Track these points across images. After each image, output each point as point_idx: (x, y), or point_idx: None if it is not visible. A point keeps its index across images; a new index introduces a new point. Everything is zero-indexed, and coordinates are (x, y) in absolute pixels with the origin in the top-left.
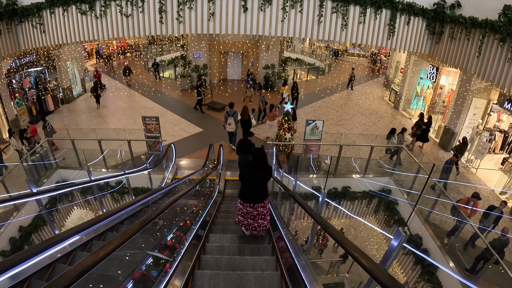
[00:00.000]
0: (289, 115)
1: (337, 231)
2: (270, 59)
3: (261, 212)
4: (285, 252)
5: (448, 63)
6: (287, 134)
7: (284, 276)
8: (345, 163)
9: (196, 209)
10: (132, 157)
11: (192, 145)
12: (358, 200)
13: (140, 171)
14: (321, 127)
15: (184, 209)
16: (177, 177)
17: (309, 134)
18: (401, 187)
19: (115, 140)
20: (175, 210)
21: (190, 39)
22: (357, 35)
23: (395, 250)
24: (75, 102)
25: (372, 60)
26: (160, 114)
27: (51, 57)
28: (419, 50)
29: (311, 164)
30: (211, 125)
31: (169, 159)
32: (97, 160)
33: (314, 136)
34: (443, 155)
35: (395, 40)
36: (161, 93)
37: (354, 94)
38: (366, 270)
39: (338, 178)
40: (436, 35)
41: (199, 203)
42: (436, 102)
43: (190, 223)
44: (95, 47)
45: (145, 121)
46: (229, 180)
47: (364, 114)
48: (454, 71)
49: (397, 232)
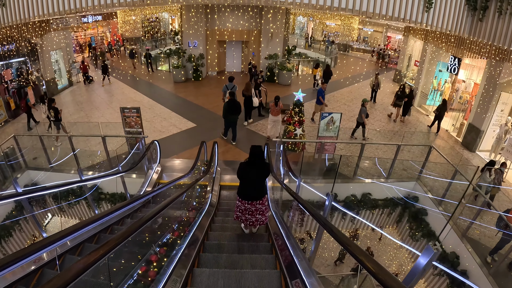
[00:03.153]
0: (301, 105)
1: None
2: (273, 49)
3: (259, 209)
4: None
5: (495, 46)
6: (298, 129)
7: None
8: (364, 165)
9: (172, 237)
10: (108, 157)
11: (182, 142)
12: (380, 209)
13: (108, 176)
14: (338, 121)
15: (157, 235)
16: (162, 182)
17: (323, 129)
18: (431, 194)
19: (88, 136)
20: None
21: (185, 27)
22: (389, 4)
23: (423, 269)
24: (60, 95)
25: (379, 55)
26: (148, 108)
27: (32, 46)
28: (457, 30)
29: (326, 165)
30: (206, 119)
31: (153, 160)
32: (62, 160)
33: (329, 133)
34: (468, 155)
35: (431, 14)
36: (153, 86)
37: (363, 89)
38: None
39: (357, 183)
40: (479, 10)
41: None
42: (454, 98)
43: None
44: (88, 40)
45: (124, 113)
46: (226, 187)
47: (378, 109)
48: (473, 65)
49: (427, 248)
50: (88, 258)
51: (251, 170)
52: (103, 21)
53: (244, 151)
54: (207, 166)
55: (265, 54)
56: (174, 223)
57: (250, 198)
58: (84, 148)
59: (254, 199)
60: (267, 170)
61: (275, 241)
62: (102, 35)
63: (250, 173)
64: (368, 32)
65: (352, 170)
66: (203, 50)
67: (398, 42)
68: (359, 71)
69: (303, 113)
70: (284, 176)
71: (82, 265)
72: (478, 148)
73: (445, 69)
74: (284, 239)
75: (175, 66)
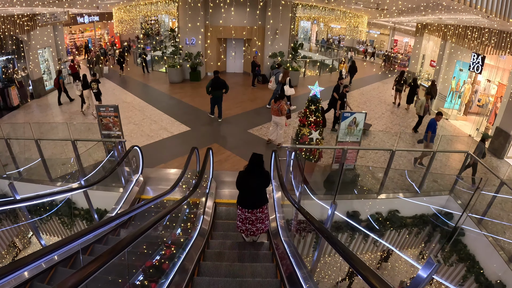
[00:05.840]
0: (318, 102)
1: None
2: (278, 47)
3: (259, 217)
4: None
5: None
6: (314, 132)
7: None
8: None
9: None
10: (79, 165)
11: (172, 149)
12: (408, 229)
13: (63, 193)
14: (362, 123)
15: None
16: (144, 197)
17: (343, 133)
18: (468, 210)
19: (58, 140)
20: None
21: (181, 22)
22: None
23: (423, 283)
24: (47, 96)
25: (386, 58)
26: (138, 109)
27: (18, 43)
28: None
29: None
30: (201, 123)
31: (133, 170)
32: (22, 169)
33: (352, 137)
34: (496, 162)
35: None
36: (147, 87)
37: (374, 92)
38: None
39: (382, 199)
40: None
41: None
42: (473, 101)
43: None
44: (85, 42)
45: (100, 112)
46: (223, 205)
47: (395, 113)
48: (493, 64)
49: (429, 260)
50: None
51: (250, 178)
52: (100, 22)
53: (245, 159)
54: (198, 178)
55: (269, 52)
56: (139, 272)
57: (250, 206)
58: (53, 155)
59: (254, 207)
60: (267, 178)
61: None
62: (99, 37)
63: (250, 182)
64: (375, 35)
65: (375, 183)
66: (202, 48)
67: (405, 45)
68: (367, 73)
69: (320, 112)
70: (300, 194)
71: None
72: (506, 154)
73: (467, 68)
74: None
75: (170, 66)
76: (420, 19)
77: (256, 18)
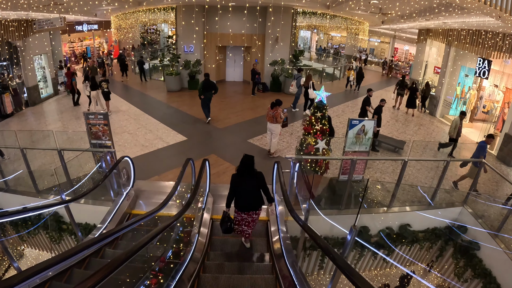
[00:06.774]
0: (324, 109)
1: None
2: (279, 54)
3: (255, 219)
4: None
5: None
6: (321, 142)
7: None
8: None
9: None
10: (67, 177)
11: (168, 160)
12: (420, 244)
13: (37, 210)
14: (371, 131)
15: None
16: (135, 212)
17: (351, 142)
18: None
19: (44, 150)
20: None
21: (179, 29)
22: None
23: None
24: (42, 104)
25: (386, 66)
26: (134, 118)
27: (14, 49)
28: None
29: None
30: (199, 132)
31: (123, 182)
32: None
33: (360, 146)
34: (506, 170)
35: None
36: (143, 95)
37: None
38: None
39: (392, 213)
40: None
41: None
42: (478, 107)
43: None
44: (84, 50)
45: (89, 119)
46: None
47: (399, 120)
48: (497, 69)
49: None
50: None
51: (242, 180)
52: (98, 30)
53: None
54: (192, 193)
55: (270, 60)
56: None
57: (245, 208)
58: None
59: (249, 209)
60: (260, 179)
61: None
62: (98, 45)
63: (243, 183)
64: (375, 43)
65: (386, 196)
66: (200, 56)
67: (405, 53)
68: (369, 81)
69: (326, 119)
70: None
71: None
72: None
73: (473, 73)
74: None
75: (168, 74)
76: (423, 25)
77: (255, 25)
